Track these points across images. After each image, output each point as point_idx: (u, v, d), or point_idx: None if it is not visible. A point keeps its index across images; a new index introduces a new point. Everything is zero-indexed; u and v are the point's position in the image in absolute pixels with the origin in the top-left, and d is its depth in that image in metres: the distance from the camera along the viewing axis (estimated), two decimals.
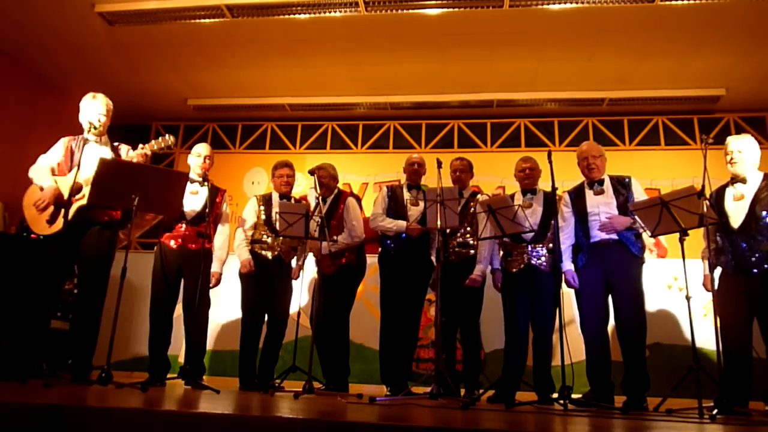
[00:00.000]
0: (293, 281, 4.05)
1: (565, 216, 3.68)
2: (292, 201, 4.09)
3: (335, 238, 3.90)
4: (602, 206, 3.54)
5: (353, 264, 3.97)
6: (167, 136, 3.50)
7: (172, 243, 3.78)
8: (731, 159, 3.35)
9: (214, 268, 3.88)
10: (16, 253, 4.08)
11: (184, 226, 3.79)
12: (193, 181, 3.84)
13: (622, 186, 3.58)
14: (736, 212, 3.30)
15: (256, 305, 3.92)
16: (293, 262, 4.11)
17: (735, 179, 3.36)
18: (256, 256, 3.98)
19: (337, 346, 3.85)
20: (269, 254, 3.98)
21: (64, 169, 3.39)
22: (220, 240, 3.93)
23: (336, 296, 3.87)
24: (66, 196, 3.27)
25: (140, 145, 3.47)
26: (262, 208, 4.10)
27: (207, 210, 3.75)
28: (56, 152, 3.45)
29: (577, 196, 3.68)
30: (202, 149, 3.92)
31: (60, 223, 3.23)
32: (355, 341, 4.06)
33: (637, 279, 3.44)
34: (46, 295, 3.37)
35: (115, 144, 3.57)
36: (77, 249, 3.34)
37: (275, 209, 3.99)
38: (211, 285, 3.85)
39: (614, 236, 3.46)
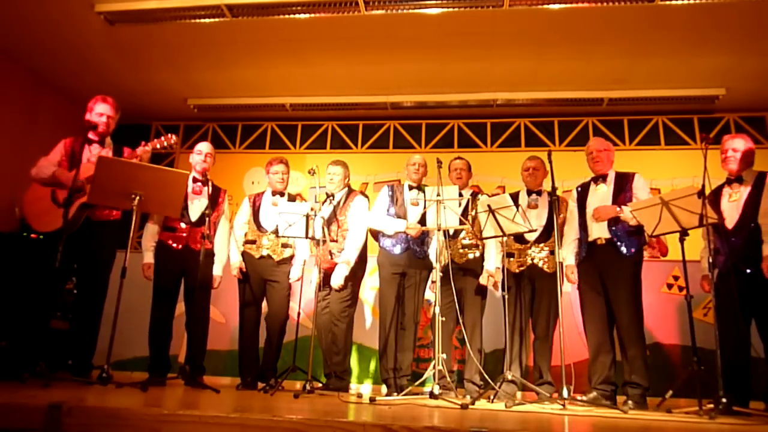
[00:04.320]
0: (292, 280, 3.99)
1: (571, 210, 3.70)
2: (286, 198, 4.06)
3: (336, 238, 3.90)
4: (601, 201, 3.54)
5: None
6: (170, 135, 3.53)
7: (175, 244, 3.78)
8: (725, 158, 3.35)
9: (215, 271, 3.88)
10: (16, 253, 4.07)
11: (187, 226, 3.79)
12: (196, 180, 3.84)
13: (624, 182, 3.58)
14: (731, 212, 3.31)
15: (250, 305, 3.93)
16: (293, 267, 4.00)
17: (730, 179, 3.36)
18: (246, 255, 3.98)
19: (339, 345, 3.84)
20: (257, 254, 3.97)
21: (65, 170, 3.39)
22: (219, 242, 3.93)
23: (338, 296, 3.86)
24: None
25: (142, 143, 3.48)
26: (251, 206, 4.09)
27: (209, 211, 3.75)
28: (56, 154, 3.46)
29: (583, 190, 3.70)
30: (204, 147, 3.92)
31: (60, 221, 3.23)
32: (355, 341, 4.07)
33: (630, 279, 3.42)
34: (46, 294, 3.37)
35: (116, 146, 3.58)
36: (78, 248, 3.33)
37: (265, 207, 3.99)
38: (213, 287, 3.87)
39: (607, 235, 3.46)
